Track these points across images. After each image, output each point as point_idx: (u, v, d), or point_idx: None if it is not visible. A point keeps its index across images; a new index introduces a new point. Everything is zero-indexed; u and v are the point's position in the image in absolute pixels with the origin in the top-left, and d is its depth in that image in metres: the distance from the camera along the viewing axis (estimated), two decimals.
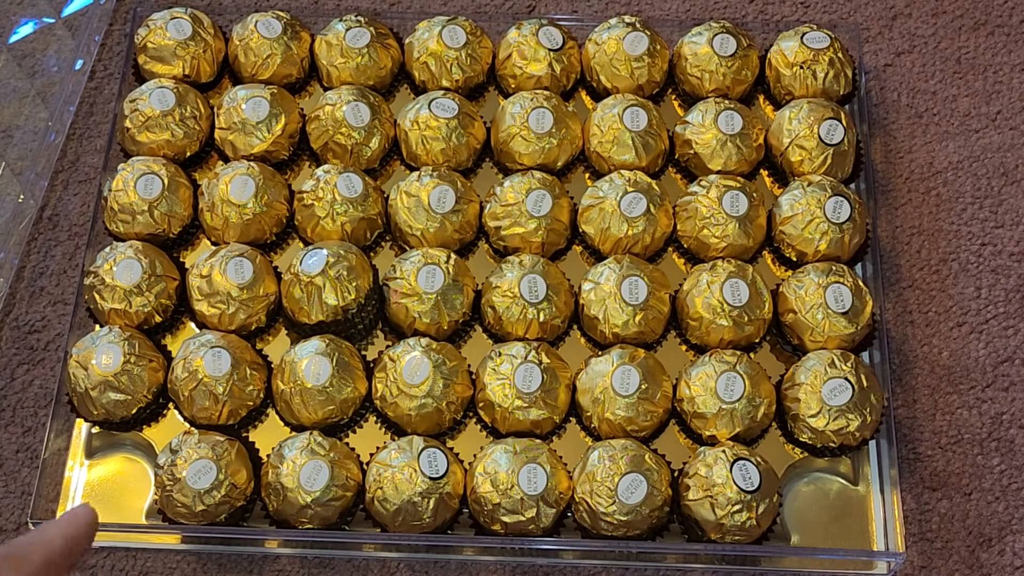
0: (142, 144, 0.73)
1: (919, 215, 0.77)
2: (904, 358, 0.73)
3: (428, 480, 0.62)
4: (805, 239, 0.70)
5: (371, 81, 0.76)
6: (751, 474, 0.62)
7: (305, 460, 0.62)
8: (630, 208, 0.69)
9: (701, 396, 0.65)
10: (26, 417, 0.71)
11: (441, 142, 0.72)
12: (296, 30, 0.77)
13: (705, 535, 0.63)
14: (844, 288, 0.67)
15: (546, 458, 0.63)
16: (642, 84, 0.76)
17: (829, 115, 0.72)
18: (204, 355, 0.65)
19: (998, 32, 0.84)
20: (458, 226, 0.70)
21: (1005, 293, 0.74)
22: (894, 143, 0.80)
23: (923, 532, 0.68)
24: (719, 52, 0.75)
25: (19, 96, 0.81)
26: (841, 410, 0.64)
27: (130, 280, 0.67)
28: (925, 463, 0.70)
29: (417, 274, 0.67)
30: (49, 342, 0.73)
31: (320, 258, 0.66)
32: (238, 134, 0.73)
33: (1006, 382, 0.72)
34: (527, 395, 0.64)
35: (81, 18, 0.83)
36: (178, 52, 0.75)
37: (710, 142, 0.73)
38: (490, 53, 0.77)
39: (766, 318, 0.68)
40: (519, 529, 0.62)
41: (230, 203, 0.70)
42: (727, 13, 0.85)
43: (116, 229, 0.71)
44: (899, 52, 0.83)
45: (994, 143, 0.79)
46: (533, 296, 0.67)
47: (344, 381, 0.65)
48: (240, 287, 0.67)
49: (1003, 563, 0.67)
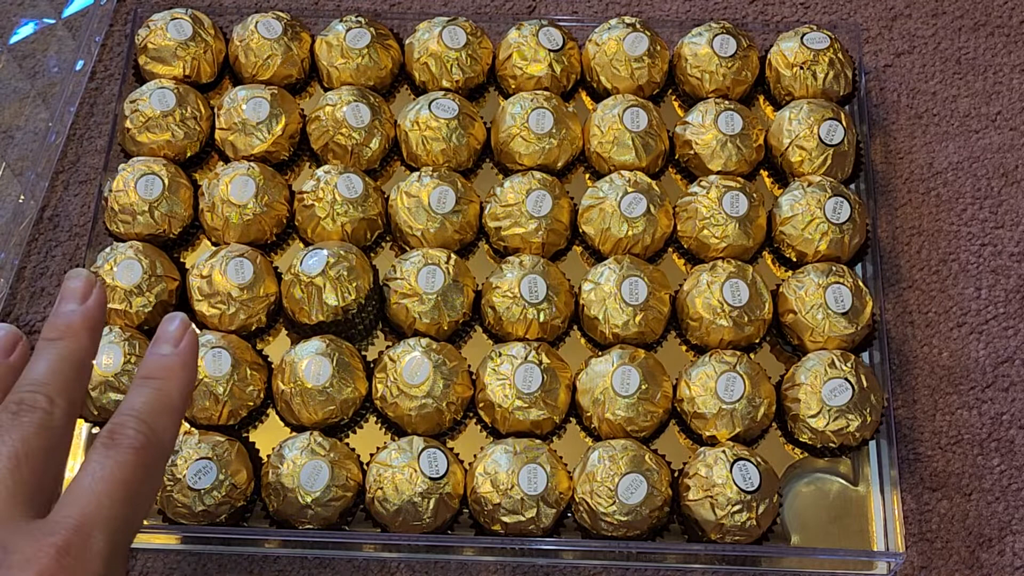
0: (142, 144, 0.73)
1: (919, 215, 0.77)
2: (904, 358, 0.73)
3: (428, 480, 0.62)
4: (805, 239, 0.70)
5: (371, 82, 0.76)
6: (751, 474, 0.62)
7: (305, 460, 0.62)
8: (630, 208, 0.69)
9: (701, 396, 0.65)
10: None
11: (441, 142, 0.72)
12: (296, 31, 0.77)
13: (705, 535, 0.63)
14: (844, 288, 0.67)
15: (546, 458, 0.63)
16: (642, 85, 0.76)
17: (829, 116, 0.72)
18: (204, 355, 0.65)
19: (998, 33, 0.84)
20: (458, 226, 0.70)
21: (1005, 294, 0.74)
22: (894, 143, 0.80)
23: (923, 532, 0.68)
24: (719, 53, 0.75)
25: (19, 97, 0.81)
26: (841, 410, 0.64)
27: (130, 280, 0.67)
28: (925, 463, 0.70)
29: (417, 274, 0.67)
30: None
31: (320, 258, 0.66)
32: (238, 134, 0.73)
33: (1006, 382, 0.72)
34: (527, 395, 0.64)
35: (81, 19, 0.83)
36: (178, 53, 0.75)
37: (710, 143, 0.73)
38: (490, 54, 0.77)
39: (766, 318, 0.68)
40: (519, 529, 0.62)
41: (230, 203, 0.70)
42: (727, 14, 0.85)
43: (116, 229, 0.71)
44: (899, 53, 0.83)
45: (994, 143, 0.80)
46: (533, 296, 0.67)
47: (344, 381, 0.65)
48: (240, 287, 0.67)
49: (1003, 563, 0.67)
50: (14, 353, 0.46)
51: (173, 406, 0.45)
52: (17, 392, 0.43)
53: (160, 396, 0.45)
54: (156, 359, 0.46)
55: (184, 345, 0.47)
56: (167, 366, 0.46)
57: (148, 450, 0.42)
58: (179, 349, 0.47)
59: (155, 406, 0.44)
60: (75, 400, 0.44)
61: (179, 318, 0.48)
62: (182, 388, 0.46)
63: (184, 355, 0.47)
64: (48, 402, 0.42)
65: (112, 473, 0.41)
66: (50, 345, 0.45)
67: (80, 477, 0.41)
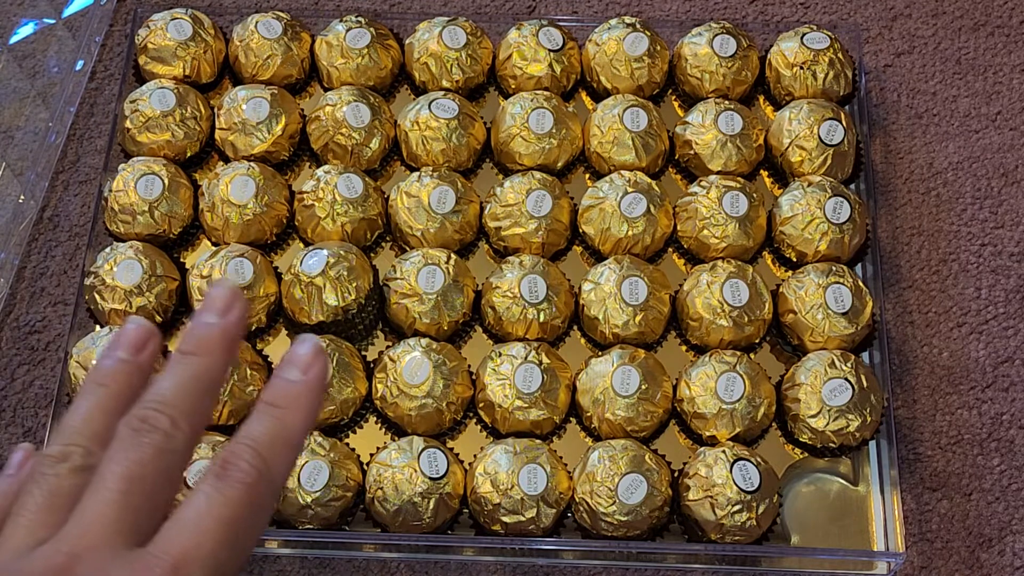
0: (142, 144, 0.73)
1: (919, 215, 0.77)
2: (904, 358, 0.73)
3: (428, 480, 0.62)
4: (805, 239, 0.70)
5: (371, 82, 0.76)
6: (751, 474, 0.62)
7: (305, 460, 0.62)
8: (630, 208, 0.69)
9: (701, 396, 0.65)
10: (26, 417, 0.71)
11: (441, 142, 0.72)
12: (296, 31, 0.77)
13: (705, 535, 0.63)
14: (844, 288, 0.67)
15: (546, 458, 0.63)
16: (642, 85, 0.76)
17: (829, 116, 0.72)
18: None
19: (998, 33, 0.84)
20: (458, 227, 0.70)
21: (1005, 294, 0.74)
22: (894, 144, 0.80)
23: (923, 532, 0.68)
24: (719, 53, 0.75)
25: (19, 97, 0.81)
26: (841, 410, 0.64)
27: (130, 281, 0.67)
28: (925, 463, 0.70)
29: (417, 274, 0.67)
30: (49, 342, 0.73)
31: (320, 258, 0.66)
32: (238, 135, 0.73)
33: (1006, 382, 0.72)
34: (527, 395, 0.64)
35: (81, 19, 0.83)
36: (178, 53, 0.75)
37: (710, 143, 0.73)
38: (490, 54, 0.77)
39: (766, 318, 0.68)
40: (519, 529, 0.62)
41: (230, 203, 0.70)
42: (727, 14, 0.85)
43: (116, 230, 0.71)
44: (899, 53, 0.83)
45: (994, 143, 0.80)
46: (533, 296, 0.67)
47: (344, 382, 0.65)
48: (240, 287, 0.67)
49: (1003, 563, 0.67)
50: (144, 351, 0.43)
51: (292, 440, 0.42)
52: (141, 407, 0.40)
53: (280, 427, 0.42)
54: (282, 384, 0.43)
55: (313, 374, 0.43)
56: (292, 394, 0.42)
57: (259, 487, 0.40)
58: (307, 377, 0.43)
59: (274, 438, 0.41)
60: (199, 424, 0.41)
61: (311, 342, 0.44)
62: (304, 421, 0.42)
63: (311, 384, 0.43)
64: (171, 424, 0.40)
65: (218, 511, 0.39)
66: (182, 360, 0.42)
67: (185, 510, 0.39)
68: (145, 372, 0.43)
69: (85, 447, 0.39)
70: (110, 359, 0.42)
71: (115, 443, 0.39)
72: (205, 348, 0.42)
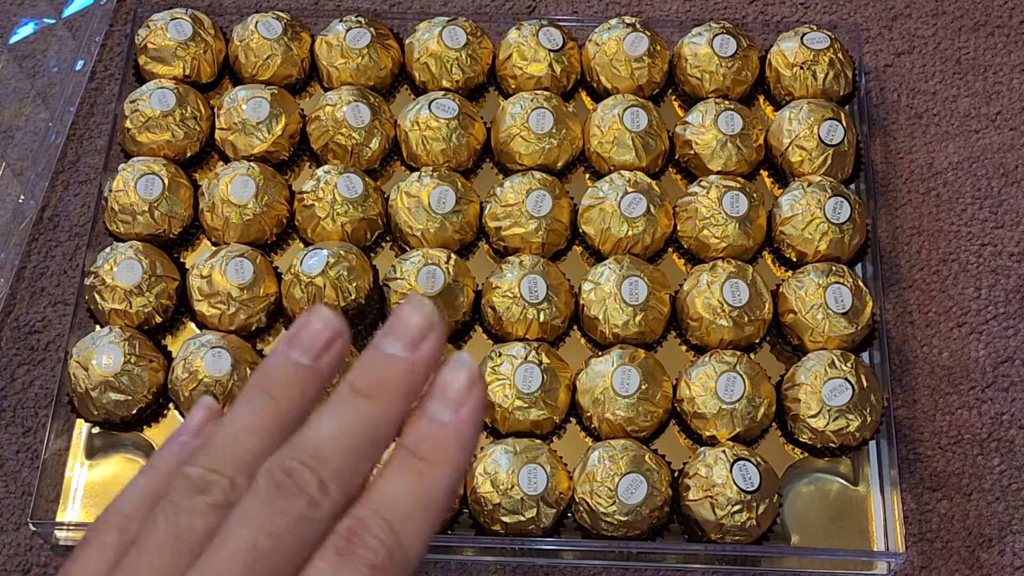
0: (142, 144, 0.73)
1: (919, 215, 0.77)
2: (904, 358, 0.73)
3: None
4: (805, 239, 0.70)
5: (371, 82, 0.76)
6: (751, 474, 0.62)
7: None
8: (630, 208, 0.69)
9: (701, 396, 0.65)
10: (26, 417, 0.71)
11: (441, 142, 0.72)
12: (296, 31, 0.77)
13: (705, 535, 0.63)
14: (844, 288, 0.67)
15: (546, 458, 0.63)
16: (642, 85, 0.76)
17: (829, 116, 0.72)
18: (204, 355, 0.65)
19: (998, 33, 0.84)
20: (458, 227, 0.70)
21: (1005, 294, 0.74)
22: (894, 143, 0.80)
23: (923, 532, 0.68)
24: (719, 53, 0.75)
25: (19, 97, 0.81)
26: (841, 410, 0.64)
27: (130, 280, 0.67)
28: (925, 463, 0.70)
29: (417, 274, 0.67)
30: (49, 342, 0.73)
31: (320, 258, 0.66)
32: (238, 134, 0.73)
33: (1006, 382, 0.72)
34: (527, 395, 0.64)
35: (81, 19, 0.83)
36: (178, 53, 0.75)
37: (710, 143, 0.73)
38: (490, 54, 0.77)
39: (766, 318, 0.68)
40: (519, 529, 0.62)
41: (230, 203, 0.70)
42: (727, 14, 0.85)
43: (116, 229, 0.71)
44: (899, 53, 0.83)
45: (994, 143, 0.80)
46: (533, 296, 0.67)
47: None
48: (240, 287, 0.67)
49: (1003, 563, 0.67)
50: (327, 354, 0.35)
51: (436, 505, 0.33)
52: (290, 456, 0.32)
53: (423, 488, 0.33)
54: (431, 427, 0.33)
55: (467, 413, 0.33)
56: (442, 443, 0.33)
57: (387, 569, 0.31)
58: (460, 417, 0.33)
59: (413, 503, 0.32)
60: (352, 490, 0.32)
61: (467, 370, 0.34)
62: (452, 479, 0.33)
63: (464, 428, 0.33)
64: (319, 489, 0.32)
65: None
66: (351, 401, 0.33)
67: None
68: (324, 382, 0.35)
69: (230, 478, 0.32)
70: (284, 360, 0.34)
71: (251, 495, 0.32)
72: (382, 390, 0.33)
